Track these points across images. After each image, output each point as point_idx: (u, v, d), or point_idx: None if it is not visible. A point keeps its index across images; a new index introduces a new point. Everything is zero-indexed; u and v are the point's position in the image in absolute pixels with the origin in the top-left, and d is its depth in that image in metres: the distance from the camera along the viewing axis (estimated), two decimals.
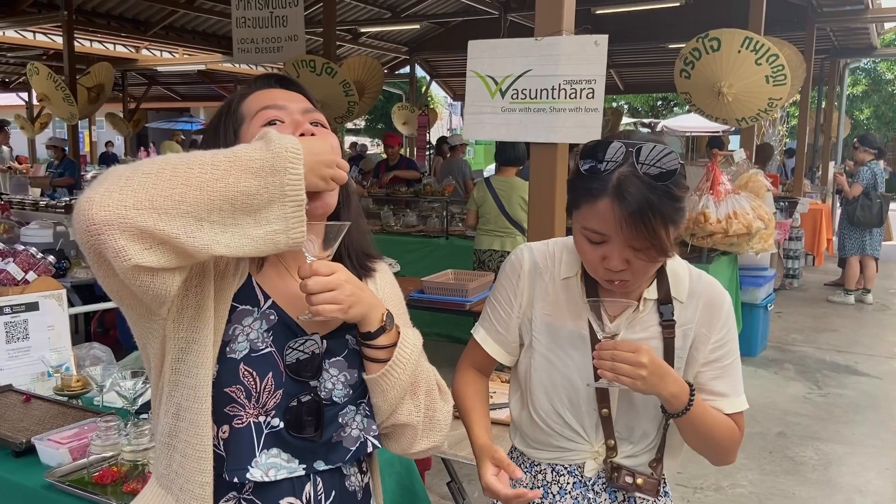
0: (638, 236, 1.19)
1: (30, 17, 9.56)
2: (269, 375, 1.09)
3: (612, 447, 1.37)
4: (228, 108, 1.20)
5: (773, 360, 5.82)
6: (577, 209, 1.27)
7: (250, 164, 0.93)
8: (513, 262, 1.46)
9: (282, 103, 1.16)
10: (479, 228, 5.27)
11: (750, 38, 5.21)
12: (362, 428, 1.17)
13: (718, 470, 3.86)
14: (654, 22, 10.92)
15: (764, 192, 5.12)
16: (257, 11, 7.12)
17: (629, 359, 1.22)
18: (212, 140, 1.18)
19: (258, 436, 1.08)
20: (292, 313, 1.13)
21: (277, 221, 0.95)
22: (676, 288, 1.37)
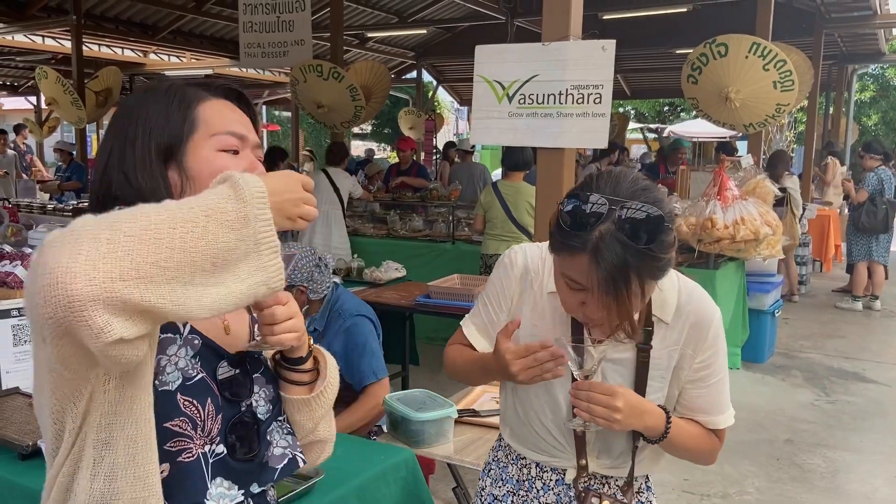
0: (614, 298, 1.17)
1: (39, 21, 9.63)
2: (209, 401, 1.05)
3: (583, 466, 1.39)
4: (177, 99, 1.10)
5: (780, 367, 5.79)
6: (557, 255, 1.25)
7: (225, 216, 0.86)
8: (506, 263, 1.46)
9: (243, 132, 1.11)
10: (487, 233, 5.27)
11: (758, 44, 5.20)
12: (287, 445, 1.16)
13: (725, 477, 3.84)
14: (661, 27, 10.92)
15: (772, 197, 5.11)
16: (264, 16, 7.15)
17: (603, 401, 1.24)
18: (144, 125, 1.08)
19: (206, 467, 1.04)
20: (211, 334, 1.10)
21: (257, 273, 0.89)
22: (661, 309, 1.34)
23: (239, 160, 1.10)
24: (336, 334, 2.82)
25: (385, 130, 24.22)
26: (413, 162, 8.99)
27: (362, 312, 2.88)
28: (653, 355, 1.33)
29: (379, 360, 2.82)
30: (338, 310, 2.86)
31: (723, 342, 1.37)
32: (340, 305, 2.87)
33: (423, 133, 13.45)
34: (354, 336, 2.79)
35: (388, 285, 4.96)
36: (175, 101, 1.10)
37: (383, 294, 4.55)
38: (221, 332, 1.12)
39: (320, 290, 2.85)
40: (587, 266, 1.17)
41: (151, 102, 1.11)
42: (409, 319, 4.38)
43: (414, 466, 2.10)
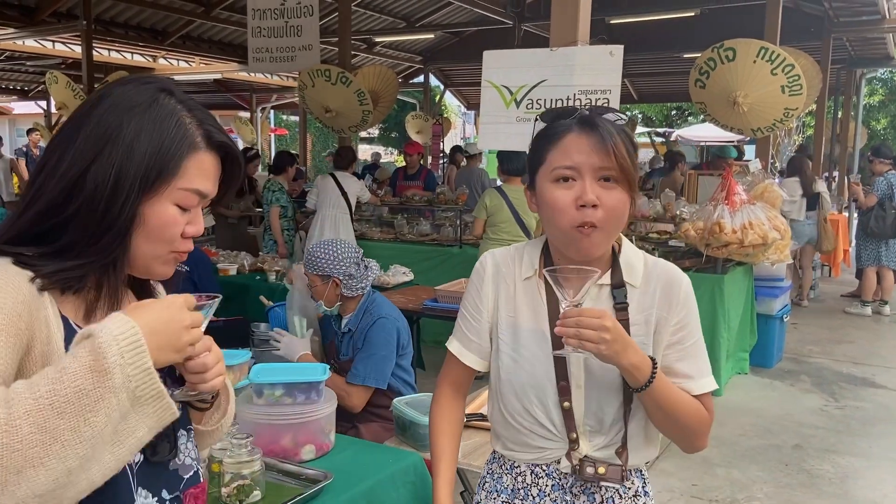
0: (607, 159, 1.27)
1: (49, 26, 9.69)
2: None
3: (573, 440, 1.38)
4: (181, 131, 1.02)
5: (788, 372, 5.77)
6: (543, 162, 1.34)
7: (97, 402, 0.82)
8: (477, 269, 1.50)
9: (208, 189, 1.06)
10: (490, 237, 5.27)
11: (765, 48, 5.20)
12: (195, 458, 1.13)
13: (733, 482, 3.83)
14: (668, 31, 10.91)
15: (780, 202, 5.10)
16: (273, 21, 7.19)
17: (593, 324, 1.23)
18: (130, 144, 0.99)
19: (133, 478, 1.00)
20: None
21: (146, 421, 0.88)
22: (630, 274, 1.40)
23: (184, 215, 1.04)
24: (362, 332, 2.88)
25: (392, 134, 24.27)
26: (420, 166, 9.00)
27: (390, 315, 2.92)
28: (631, 321, 1.36)
29: (375, 369, 2.79)
30: (370, 310, 2.93)
31: (695, 304, 1.42)
32: (374, 307, 2.94)
33: (431, 137, 13.47)
34: (371, 334, 2.84)
35: (395, 289, 4.98)
36: (178, 135, 1.01)
37: (391, 298, 4.54)
38: None
39: (355, 289, 2.90)
40: (576, 139, 1.30)
41: (156, 114, 1.01)
42: (416, 323, 4.39)
43: (422, 470, 2.11)
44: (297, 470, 1.95)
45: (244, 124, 15.15)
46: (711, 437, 4.66)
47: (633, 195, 1.32)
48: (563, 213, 1.30)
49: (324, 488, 1.85)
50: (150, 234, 1.01)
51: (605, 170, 1.28)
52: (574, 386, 1.37)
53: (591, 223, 1.28)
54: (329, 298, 2.93)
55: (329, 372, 2.21)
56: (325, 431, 2.12)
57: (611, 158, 1.27)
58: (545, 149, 1.34)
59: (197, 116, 1.05)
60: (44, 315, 0.94)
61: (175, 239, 1.03)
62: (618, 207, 1.30)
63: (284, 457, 2.02)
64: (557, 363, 1.37)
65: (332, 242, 3.01)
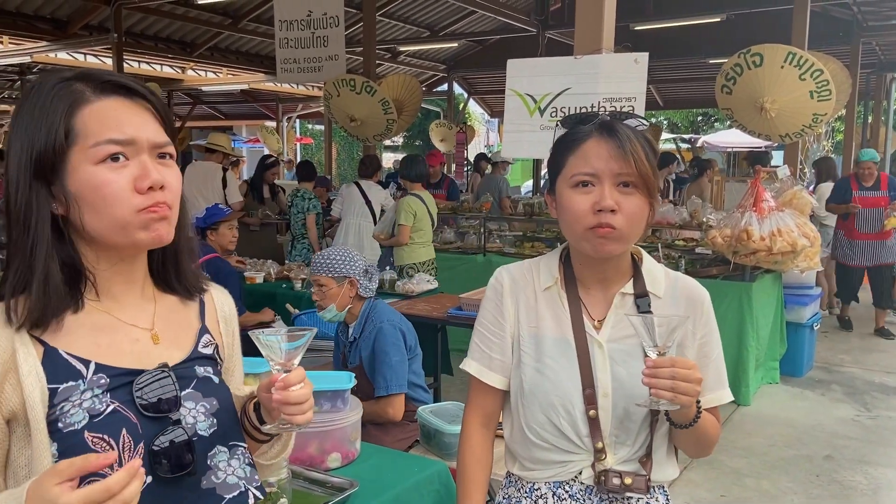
0: (626, 165, 1.27)
1: (81, 39, 9.91)
2: (123, 432, 0.98)
3: (599, 449, 1.36)
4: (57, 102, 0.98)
5: (819, 381, 5.67)
6: (563, 167, 1.34)
7: None
8: (493, 285, 1.47)
9: (130, 134, 0.98)
10: (415, 242, 5.59)
11: (793, 53, 5.14)
12: (242, 476, 1.09)
13: (763, 493, 3.77)
14: (693, 37, 10.83)
15: (809, 209, 5.03)
16: (299, 32, 7.28)
17: (690, 376, 1.20)
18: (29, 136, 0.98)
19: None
20: (126, 360, 1.02)
21: None
22: (652, 284, 1.41)
23: (122, 170, 0.98)
24: (366, 339, 2.90)
25: (416, 143, 24.36)
26: (443, 175, 9.01)
27: (392, 319, 2.93)
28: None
29: (396, 374, 2.81)
30: (371, 317, 2.95)
31: (714, 318, 1.44)
32: (375, 314, 2.96)
33: (455, 145, 13.49)
34: (379, 342, 2.86)
35: (420, 297, 4.99)
36: (54, 105, 0.98)
37: (416, 306, 4.57)
38: (146, 346, 1.06)
39: (368, 289, 2.98)
40: (596, 145, 1.30)
41: (33, 105, 0.99)
42: (441, 331, 4.40)
43: (447, 479, 2.11)
44: (323, 478, 1.96)
45: (270, 134, 15.32)
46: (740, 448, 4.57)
47: (652, 201, 1.32)
48: (581, 218, 1.31)
49: (350, 496, 1.86)
50: (92, 205, 0.97)
51: (623, 176, 1.28)
52: (601, 394, 1.36)
53: (607, 224, 1.28)
54: (342, 301, 2.95)
55: (354, 380, 2.22)
56: (351, 439, 2.13)
57: (629, 164, 1.27)
58: (565, 155, 1.35)
59: (86, 75, 1.01)
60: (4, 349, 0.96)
61: (124, 197, 0.97)
62: (636, 213, 1.30)
63: (310, 464, 2.03)
64: (583, 371, 1.36)
65: (339, 248, 3.07)
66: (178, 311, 1.14)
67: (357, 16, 9.64)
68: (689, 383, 1.20)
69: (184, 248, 1.12)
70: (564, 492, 1.40)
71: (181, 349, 1.10)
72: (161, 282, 1.13)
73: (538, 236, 7.03)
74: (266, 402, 1.07)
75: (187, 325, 1.14)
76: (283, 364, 1.05)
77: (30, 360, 0.97)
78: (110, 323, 1.05)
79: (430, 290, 5.22)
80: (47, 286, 0.98)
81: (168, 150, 1.04)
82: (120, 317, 1.06)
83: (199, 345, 1.13)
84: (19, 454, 0.98)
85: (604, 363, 1.36)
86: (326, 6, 7.13)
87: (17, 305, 0.98)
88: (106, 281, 1.05)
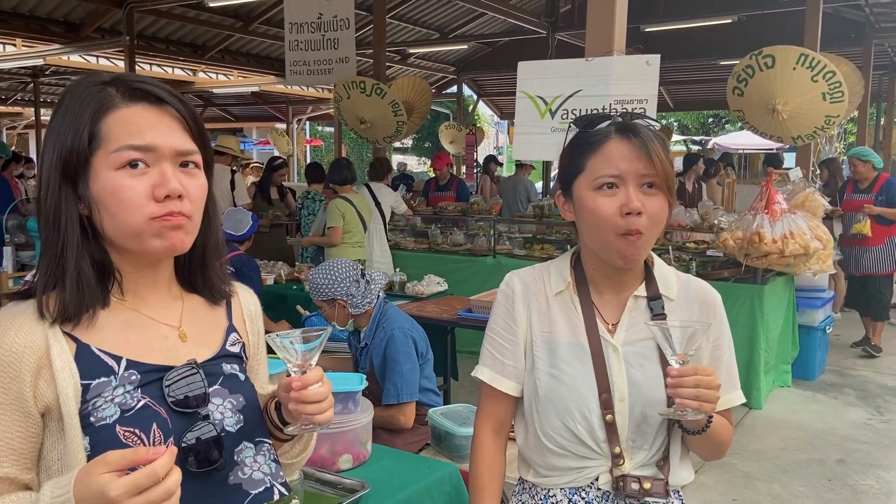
0: (649, 166, 1.27)
1: (93, 42, 9.98)
2: (154, 427, 0.99)
3: (616, 454, 1.35)
4: (87, 107, 0.99)
5: (831, 385, 5.63)
6: (583, 170, 1.33)
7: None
8: (504, 290, 1.45)
9: (150, 141, 0.99)
10: (347, 243, 5.72)
11: (805, 55, 5.12)
12: (268, 472, 1.10)
13: (775, 497, 3.75)
14: (704, 39, 10.80)
15: (821, 211, 4.99)
16: (309, 34, 7.30)
17: (712, 383, 1.20)
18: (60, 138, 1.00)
19: None
20: (154, 357, 1.04)
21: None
22: (665, 287, 1.41)
23: (141, 177, 0.98)
24: (378, 346, 2.89)
25: (426, 144, 24.40)
26: (451, 176, 9.00)
27: (403, 327, 2.92)
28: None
29: (406, 383, 2.80)
30: (383, 323, 2.94)
31: (726, 320, 1.45)
32: (386, 320, 2.94)
33: (464, 147, 13.50)
34: (390, 350, 2.85)
35: (429, 299, 4.99)
36: (83, 108, 0.99)
37: (425, 308, 4.57)
38: (174, 343, 1.08)
39: (361, 305, 2.92)
40: (618, 145, 1.29)
41: (66, 107, 1.01)
42: (450, 333, 4.40)
43: (458, 481, 2.11)
44: (334, 479, 1.96)
45: (280, 136, 15.38)
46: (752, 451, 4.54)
47: (671, 201, 1.32)
48: (609, 222, 1.29)
49: (361, 498, 1.86)
50: (109, 210, 0.98)
51: (647, 176, 1.28)
52: (617, 399, 1.34)
53: (637, 230, 1.27)
54: (340, 319, 2.96)
55: (365, 382, 2.23)
56: (362, 441, 2.14)
57: (653, 165, 1.27)
58: (584, 156, 1.33)
59: (116, 81, 1.02)
60: (39, 345, 0.97)
61: (139, 204, 0.98)
62: (660, 214, 1.30)
63: (322, 466, 2.04)
64: (599, 375, 1.35)
65: (329, 265, 3.01)
66: (206, 310, 1.15)
67: (367, 18, 9.66)
68: (711, 390, 1.20)
69: (211, 254, 1.13)
70: (580, 498, 1.38)
71: (209, 347, 1.11)
72: (187, 283, 1.14)
73: (548, 238, 7.02)
74: (285, 402, 1.08)
75: (215, 324, 1.15)
76: (300, 365, 1.06)
77: (63, 356, 0.98)
78: (139, 320, 1.06)
79: (440, 291, 5.22)
80: (80, 282, 0.99)
81: (192, 159, 1.04)
82: (148, 314, 1.07)
83: (227, 343, 1.14)
84: (52, 448, 1.00)
85: (619, 367, 1.35)
86: (336, 9, 7.15)
87: (49, 301, 0.99)
88: (132, 281, 1.06)
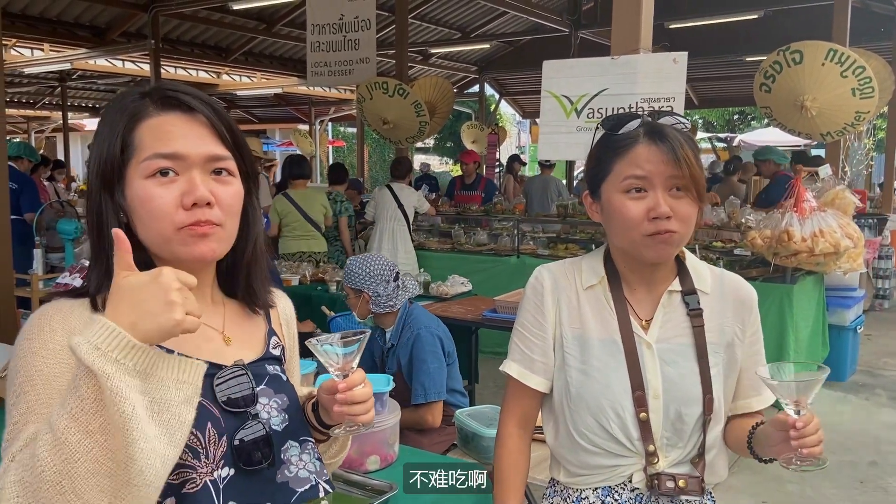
0: (678, 169, 1.26)
1: (119, 46, 10.12)
2: (209, 426, 1.01)
3: (651, 453, 1.33)
4: (123, 116, 1.01)
5: (863, 386, 5.54)
6: (610, 172, 1.32)
7: (113, 394, 0.81)
8: (533, 284, 1.44)
9: (180, 150, 0.99)
10: (286, 235, 6.01)
11: (834, 50, 5.03)
12: (313, 470, 1.12)
13: (806, 500, 3.69)
14: (730, 35, 10.67)
15: (852, 209, 4.91)
16: (331, 35, 7.33)
17: (819, 425, 1.20)
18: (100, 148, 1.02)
19: (217, 494, 1.00)
20: (205, 356, 1.04)
21: (170, 386, 0.86)
22: (699, 281, 1.40)
23: (171, 185, 0.98)
24: (404, 346, 2.90)
25: (447, 144, 24.39)
26: (478, 175, 8.99)
27: (429, 326, 2.92)
28: (707, 328, 1.36)
29: (434, 382, 2.81)
30: (409, 323, 2.94)
31: (759, 317, 1.44)
32: (412, 319, 2.95)
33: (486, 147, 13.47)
34: (416, 349, 2.85)
35: (454, 299, 4.98)
36: (120, 118, 1.01)
37: (450, 308, 4.57)
38: (220, 346, 1.09)
39: (384, 305, 2.92)
40: (646, 149, 1.28)
41: (107, 116, 1.03)
42: (475, 334, 4.39)
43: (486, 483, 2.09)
44: (362, 480, 1.96)
45: (303, 137, 15.47)
46: None
47: (701, 203, 1.31)
48: (636, 225, 1.29)
49: (389, 499, 1.86)
50: (141, 218, 0.99)
51: (676, 179, 1.27)
52: (651, 396, 1.33)
53: (666, 228, 1.27)
54: (361, 311, 2.98)
55: (392, 383, 2.23)
56: (390, 442, 2.14)
57: (682, 168, 1.26)
58: (612, 159, 1.32)
59: (152, 91, 1.03)
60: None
61: (168, 213, 0.98)
62: (690, 216, 1.29)
63: (349, 467, 2.04)
64: (632, 373, 1.33)
65: (368, 258, 3.03)
66: (247, 314, 1.16)
67: (388, 18, 9.68)
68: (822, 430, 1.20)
69: (251, 261, 1.12)
70: (613, 500, 1.37)
71: (252, 350, 1.13)
72: (228, 289, 1.15)
73: (572, 238, 6.98)
74: (328, 405, 1.09)
75: (256, 328, 1.17)
76: (342, 368, 1.07)
77: None
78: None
79: (465, 292, 5.22)
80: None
81: (225, 166, 1.03)
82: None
83: (270, 346, 1.16)
84: None
85: (653, 364, 1.34)
86: (358, 10, 7.17)
87: (102, 299, 1.00)
88: None
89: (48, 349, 0.94)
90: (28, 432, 0.88)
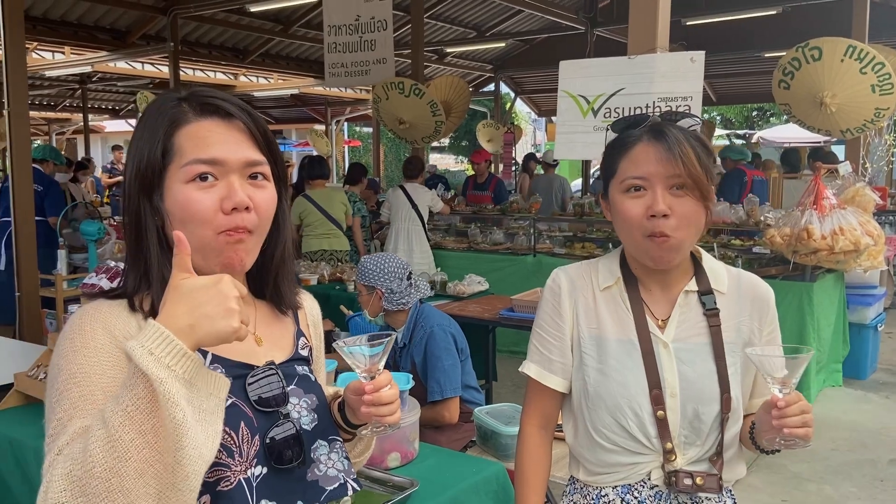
0: (676, 167, 1.26)
1: (139, 49, 10.23)
2: (242, 425, 1.03)
3: (668, 450, 1.34)
4: (163, 121, 1.03)
5: (884, 384, 5.49)
6: (615, 173, 1.35)
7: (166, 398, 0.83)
8: (550, 286, 1.47)
9: (219, 155, 1.01)
10: (308, 234, 6.11)
11: (854, 47, 4.99)
12: (342, 469, 1.14)
13: (826, 498, 3.67)
14: (748, 31, 10.58)
15: (872, 206, 4.87)
16: (348, 36, 7.36)
17: (808, 408, 1.20)
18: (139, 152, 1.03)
19: (251, 491, 1.02)
20: (237, 355, 1.07)
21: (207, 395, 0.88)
22: (715, 281, 1.41)
23: (210, 189, 1.00)
24: (418, 345, 2.93)
25: (463, 143, 24.39)
26: (490, 174, 8.99)
27: (441, 323, 2.95)
28: (723, 327, 1.37)
29: (449, 378, 2.83)
30: (420, 322, 2.97)
31: (777, 315, 1.45)
32: (424, 318, 2.97)
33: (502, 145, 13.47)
34: (430, 347, 2.88)
35: (471, 298, 5.00)
36: (159, 123, 1.02)
37: (467, 307, 4.58)
38: (251, 346, 1.11)
39: (396, 303, 2.96)
40: (646, 149, 1.30)
41: (146, 121, 1.04)
42: (491, 333, 4.40)
43: (504, 480, 2.12)
44: (384, 477, 1.99)
45: (319, 137, 15.54)
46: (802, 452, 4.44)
47: (706, 202, 1.31)
48: (635, 224, 1.31)
49: (410, 496, 1.89)
50: (181, 222, 1.00)
51: (674, 178, 1.28)
52: (668, 395, 1.35)
53: (662, 232, 1.28)
54: (373, 309, 3.01)
55: (412, 381, 2.25)
56: (410, 440, 2.16)
57: (679, 166, 1.26)
58: (616, 159, 1.35)
59: (190, 96, 1.05)
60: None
61: (209, 217, 0.99)
62: (690, 216, 1.29)
63: (371, 464, 2.07)
64: (649, 372, 1.35)
65: (382, 256, 3.08)
66: (276, 315, 1.19)
67: (404, 18, 9.71)
68: (810, 414, 1.19)
69: (280, 263, 1.15)
70: (633, 498, 1.38)
71: (282, 350, 1.15)
72: (258, 291, 1.17)
73: (589, 237, 6.97)
74: (354, 405, 1.11)
75: (286, 330, 1.19)
76: (369, 370, 1.09)
77: None
78: None
79: (481, 291, 5.23)
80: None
81: (260, 170, 1.05)
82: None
83: (298, 346, 1.18)
84: None
85: (670, 363, 1.35)
86: (375, 10, 7.20)
87: (141, 300, 1.03)
88: None
89: (89, 348, 0.96)
90: (74, 427, 0.90)
